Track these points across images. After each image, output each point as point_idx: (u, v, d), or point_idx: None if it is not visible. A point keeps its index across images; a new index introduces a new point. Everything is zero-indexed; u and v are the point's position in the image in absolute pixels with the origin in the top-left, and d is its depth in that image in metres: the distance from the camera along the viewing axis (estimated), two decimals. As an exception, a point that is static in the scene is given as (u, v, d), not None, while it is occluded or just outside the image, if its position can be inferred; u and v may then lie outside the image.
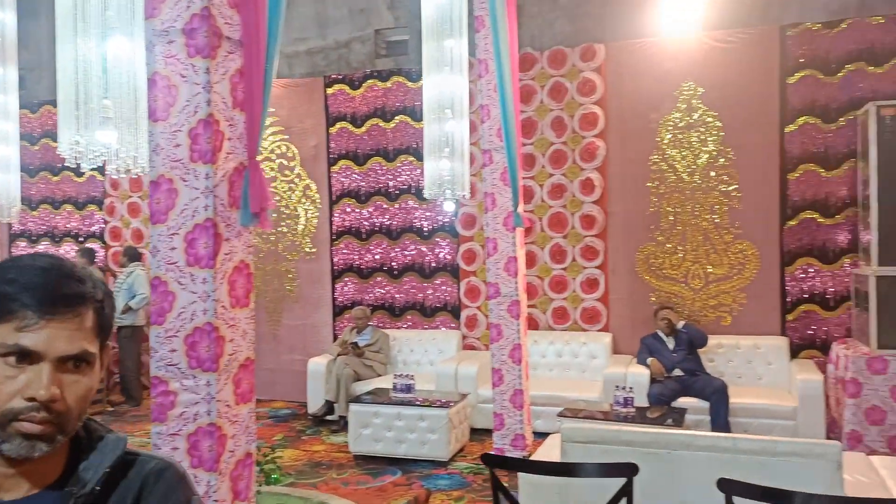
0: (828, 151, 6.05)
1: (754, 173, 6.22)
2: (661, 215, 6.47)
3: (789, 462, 2.77)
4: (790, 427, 5.47)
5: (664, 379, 5.81)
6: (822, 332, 6.13)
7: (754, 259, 6.25)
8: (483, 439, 5.83)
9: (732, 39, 6.23)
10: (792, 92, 6.11)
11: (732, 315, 6.33)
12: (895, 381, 5.27)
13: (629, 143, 6.53)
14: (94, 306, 1.00)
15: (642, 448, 2.97)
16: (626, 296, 6.58)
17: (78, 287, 0.98)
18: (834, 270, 6.08)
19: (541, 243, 6.81)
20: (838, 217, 6.05)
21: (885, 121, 5.35)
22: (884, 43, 5.88)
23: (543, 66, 6.75)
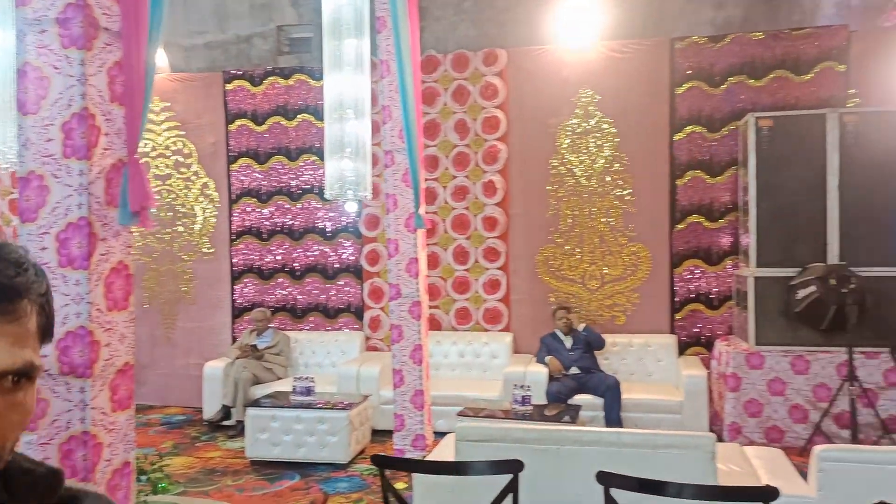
0: (712, 159, 6.39)
1: (646, 179, 6.49)
2: (560, 218, 6.65)
3: (668, 454, 2.90)
4: (677, 420, 5.73)
5: (561, 377, 5.97)
6: (707, 330, 6.46)
7: (646, 261, 6.52)
8: (385, 440, 5.82)
9: (626, 50, 6.48)
10: (680, 102, 6.42)
11: (626, 314, 6.58)
12: (771, 376, 5.62)
13: (530, 147, 6.68)
14: (38, 302, 0.74)
15: (533, 444, 3.04)
16: (526, 296, 6.73)
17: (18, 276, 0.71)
18: (718, 272, 6.42)
19: (444, 244, 6.87)
20: (722, 221, 6.40)
21: (762, 131, 5.70)
22: (763, 58, 6.26)
23: (447, 68, 6.81)
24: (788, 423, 5.57)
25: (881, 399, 5.42)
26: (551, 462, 3.02)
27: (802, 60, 6.19)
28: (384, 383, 6.07)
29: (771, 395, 5.60)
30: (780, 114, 5.85)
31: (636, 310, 6.56)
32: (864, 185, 5.55)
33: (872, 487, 2.70)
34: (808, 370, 5.56)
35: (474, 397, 5.94)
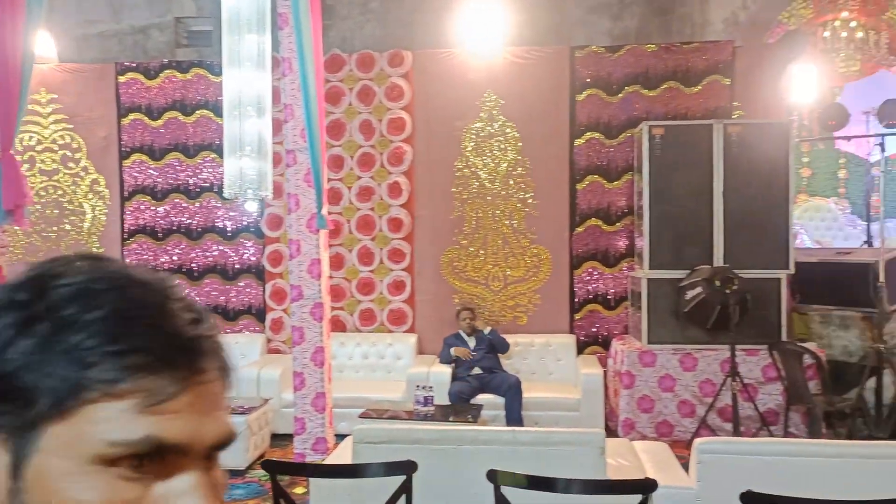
0: (610, 165, 6.63)
1: (548, 183, 6.66)
2: (465, 220, 6.73)
3: (561, 450, 2.99)
4: (575, 417, 5.91)
5: (464, 377, 6.05)
6: (605, 329, 6.70)
7: (547, 262, 6.69)
8: (286, 444, 5.71)
9: (529, 56, 6.63)
10: (580, 109, 6.63)
11: (528, 315, 6.73)
12: (662, 373, 5.89)
13: (435, 149, 6.73)
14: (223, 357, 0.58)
15: (431, 445, 3.06)
16: (430, 297, 6.76)
17: (208, 325, 0.56)
18: (614, 273, 6.67)
19: (349, 245, 6.82)
20: (618, 224, 6.65)
21: (655, 139, 5.96)
22: (656, 69, 6.55)
23: (352, 68, 6.76)
24: (677, 418, 5.84)
25: (760, 393, 5.77)
26: (449, 462, 3.05)
27: (692, 73, 6.51)
28: (286, 386, 5.95)
29: (662, 392, 5.87)
30: (671, 123, 6.14)
31: (537, 310, 6.71)
32: (746, 191, 5.90)
33: (748, 477, 2.86)
34: (695, 367, 5.85)
35: (377, 399, 5.93)
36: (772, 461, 2.90)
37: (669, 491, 3.03)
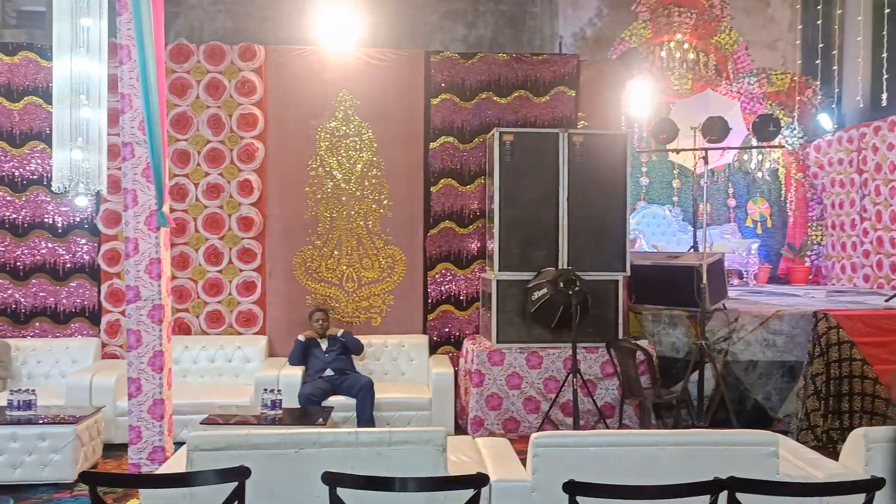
0: (463, 168, 6.78)
1: (403, 184, 6.71)
2: (319, 220, 6.63)
3: (403, 449, 3.02)
4: (426, 417, 5.99)
5: (316, 378, 5.96)
6: (457, 329, 6.84)
7: (402, 264, 6.74)
8: (121, 455, 5.37)
9: (385, 58, 6.65)
10: (435, 112, 6.73)
11: (382, 316, 6.74)
12: (510, 371, 6.09)
13: (289, 147, 6.58)
14: None
15: (271, 450, 2.99)
16: (282, 298, 6.61)
17: None
18: (467, 274, 6.82)
19: (195, 244, 6.52)
20: (471, 227, 6.81)
21: (505, 145, 6.16)
22: (507, 77, 6.78)
23: (200, 59, 6.48)
24: (523, 414, 6.07)
25: (599, 388, 6.12)
26: (289, 466, 2.99)
27: (540, 83, 6.80)
28: (122, 393, 5.59)
29: (509, 389, 6.07)
30: (520, 130, 6.38)
31: (391, 311, 6.74)
32: (588, 197, 6.23)
33: (578, 468, 3.03)
34: (540, 365, 6.11)
35: (223, 404, 5.71)
36: (598, 452, 3.08)
37: (507, 484, 3.15)
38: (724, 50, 11.24)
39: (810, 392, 6.26)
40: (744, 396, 6.53)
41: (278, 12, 6.87)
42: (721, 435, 3.18)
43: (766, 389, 6.52)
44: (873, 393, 6.11)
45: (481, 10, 7.68)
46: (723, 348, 6.54)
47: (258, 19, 7.16)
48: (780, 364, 6.53)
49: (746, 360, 6.53)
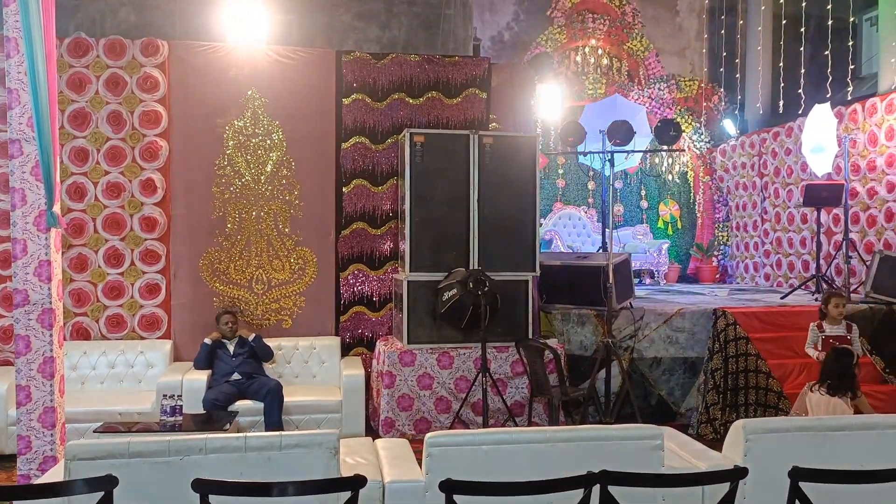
0: (375, 169, 6.75)
1: (314, 184, 6.63)
2: (227, 220, 6.48)
3: (293, 454, 2.97)
4: (336, 419, 5.93)
5: (223, 383, 5.82)
6: (370, 330, 6.80)
7: (313, 265, 6.65)
8: (12, 466, 5.11)
9: (295, 57, 6.56)
10: (346, 113, 6.68)
11: (293, 318, 6.64)
12: (421, 372, 6.10)
13: (195, 146, 6.41)
14: None
15: (153, 458, 2.89)
16: (188, 301, 6.42)
17: None
18: (379, 275, 6.79)
19: (94, 245, 6.27)
20: (383, 228, 6.79)
21: (416, 146, 6.17)
22: (419, 79, 6.79)
23: (99, 54, 6.23)
24: (434, 414, 6.09)
25: (509, 387, 6.20)
26: (174, 474, 2.89)
27: (452, 85, 6.84)
28: (14, 402, 5.32)
29: (420, 390, 6.08)
30: (431, 131, 6.40)
31: (302, 313, 6.65)
32: (498, 199, 6.30)
33: (472, 467, 3.05)
34: (451, 365, 6.14)
35: (124, 411, 5.54)
36: (491, 450, 3.11)
37: (400, 485, 3.14)
38: (636, 56, 11.60)
39: (710, 387, 6.52)
40: (648, 392, 6.74)
41: (186, 6, 6.68)
42: (609, 430, 3.26)
43: (670, 385, 6.76)
44: (766, 386, 6.41)
45: (395, 11, 7.67)
46: (629, 345, 6.74)
47: (165, 13, 6.95)
48: (683, 360, 6.77)
49: (651, 356, 6.75)
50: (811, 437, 3.34)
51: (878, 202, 8.06)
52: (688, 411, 6.69)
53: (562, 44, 11.37)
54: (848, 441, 3.35)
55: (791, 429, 3.34)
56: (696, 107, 11.56)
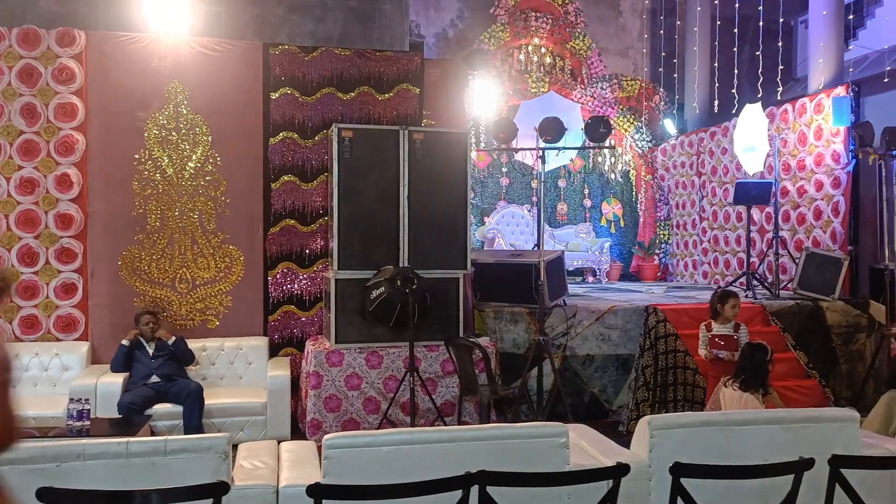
0: (305, 165, 6.61)
1: (241, 181, 6.46)
2: (148, 217, 6.27)
3: (180, 459, 2.84)
4: (261, 421, 5.78)
5: (141, 386, 5.62)
6: (300, 330, 6.65)
7: (240, 263, 6.48)
8: None
9: (220, 49, 6.37)
10: (274, 107, 6.52)
11: (219, 318, 6.46)
12: (349, 372, 5.98)
13: (113, 140, 6.18)
14: None
15: (29, 465, 2.72)
16: (107, 301, 6.19)
17: None
18: (310, 274, 6.65)
19: (7, 244, 6.00)
20: (314, 225, 6.64)
21: (344, 141, 6.04)
22: (350, 73, 6.67)
23: (12, 44, 5.97)
24: (363, 415, 5.97)
25: (439, 386, 6.12)
26: (54, 481, 2.73)
27: (384, 80, 6.73)
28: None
29: (348, 390, 5.96)
30: (359, 126, 6.28)
31: (229, 313, 6.47)
32: (429, 195, 6.21)
33: (372, 468, 2.96)
34: (380, 364, 6.03)
35: (37, 416, 5.31)
36: (391, 451, 3.02)
37: (295, 489, 3.03)
38: (579, 55, 11.64)
39: (640, 383, 6.54)
40: (581, 390, 6.74)
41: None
42: (513, 429, 3.20)
43: (602, 382, 6.77)
44: (693, 382, 6.46)
45: (330, 4, 7.52)
46: (561, 343, 6.72)
47: (88, 3, 6.68)
48: (615, 357, 6.79)
49: (584, 354, 6.74)
50: (717, 433, 3.34)
51: (808, 200, 8.22)
52: (620, 408, 6.71)
53: (505, 42, 11.35)
54: (754, 436, 3.36)
55: (697, 424, 3.32)
56: (638, 106, 11.66)
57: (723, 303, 5.48)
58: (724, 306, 5.47)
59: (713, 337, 5.41)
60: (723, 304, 5.48)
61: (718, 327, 5.47)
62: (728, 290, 5.78)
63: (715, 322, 5.54)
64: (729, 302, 5.44)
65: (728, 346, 5.27)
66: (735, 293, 5.69)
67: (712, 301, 5.62)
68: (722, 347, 5.27)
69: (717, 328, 5.48)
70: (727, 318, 5.47)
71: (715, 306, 5.56)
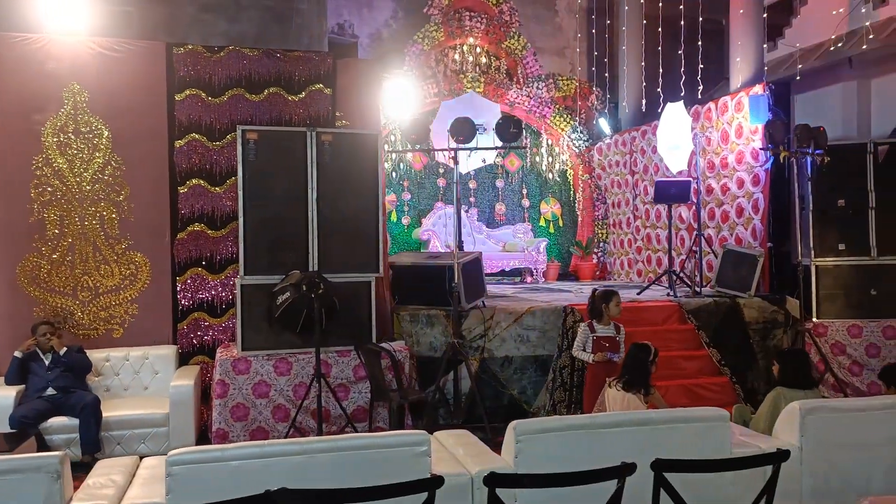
0: (214, 168, 6.45)
1: (145, 185, 6.28)
2: (47, 224, 6.05)
3: (9, 480, 2.70)
4: (163, 433, 5.60)
5: (35, 399, 5.41)
6: (212, 337, 6.48)
7: (146, 270, 6.30)
8: None
9: (120, 49, 6.18)
10: (180, 109, 6.34)
11: (124, 327, 6.27)
12: (257, 379, 5.84)
13: (8, 144, 5.96)
14: None
15: None
16: (5, 312, 5.96)
17: None
18: (221, 279, 6.49)
19: None
20: (224, 230, 6.48)
21: (249, 143, 5.90)
22: (259, 73, 6.52)
23: None
24: (272, 423, 5.84)
25: (352, 392, 6.01)
26: None
27: (295, 80, 6.60)
28: None
29: (256, 398, 5.82)
30: (265, 128, 6.14)
31: (135, 321, 6.28)
32: (339, 198, 6.09)
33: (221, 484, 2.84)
34: (289, 371, 5.90)
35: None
36: (241, 465, 2.91)
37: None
38: (514, 55, 11.62)
39: (557, 384, 6.52)
40: (500, 392, 6.68)
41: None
42: (372, 438, 3.11)
43: (522, 384, 6.72)
44: (607, 382, 6.43)
45: (244, 3, 7.38)
46: (479, 345, 6.66)
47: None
48: (534, 359, 6.75)
49: (502, 356, 6.69)
50: (584, 436, 3.29)
51: (731, 198, 8.29)
52: (538, 410, 6.67)
53: (440, 42, 11.28)
54: (620, 439, 3.32)
55: (562, 428, 3.27)
56: (575, 106, 11.68)
57: (606, 302, 5.32)
58: (608, 305, 5.30)
59: (598, 339, 5.26)
60: (607, 304, 5.32)
61: (602, 328, 5.33)
62: (609, 289, 5.57)
63: (598, 323, 5.37)
64: (613, 300, 5.31)
65: (612, 348, 5.17)
66: (616, 292, 5.51)
67: (594, 301, 5.42)
68: (607, 349, 5.17)
69: (600, 329, 5.33)
70: (610, 319, 5.36)
71: (598, 307, 5.37)
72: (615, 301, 5.33)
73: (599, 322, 5.36)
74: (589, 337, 5.30)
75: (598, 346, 5.21)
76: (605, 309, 5.33)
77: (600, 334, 5.26)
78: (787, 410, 3.51)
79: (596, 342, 5.23)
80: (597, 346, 5.22)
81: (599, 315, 5.36)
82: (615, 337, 5.27)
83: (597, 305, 5.37)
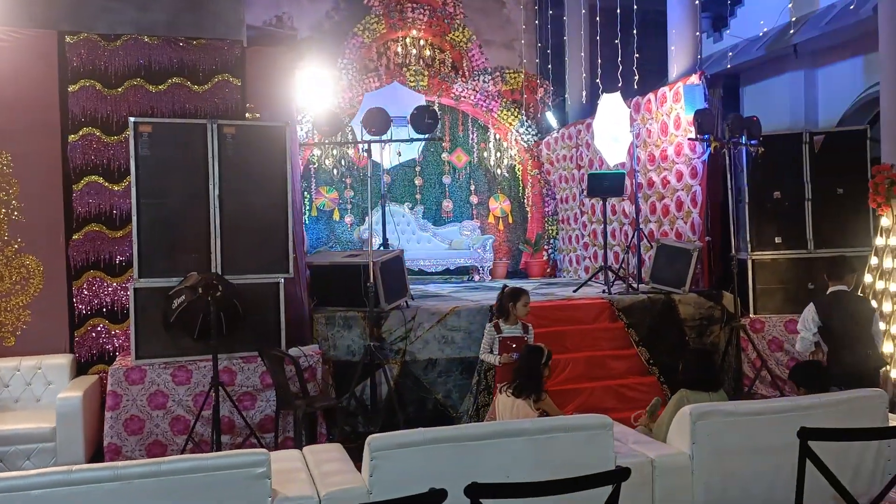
0: (111, 164, 6.05)
1: (36, 182, 5.87)
2: (-74, 226, 5.62)
3: None
4: (50, 449, 5.20)
5: None
6: (113, 345, 6.08)
7: (39, 274, 5.89)
8: None
9: (5, 38, 5.77)
10: (73, 101, 5.94)
11: (16, 335, 5.85)
12: (153, 389, 5.45)
13: None
14: None
15: None
16: None
17: None
18: (122, 283, 6.09)
19: None
20: (124, 230, 6.07)
21: (142, 136, 5.51)
22: (160, 63, 6.14)
23: None
24: (170, 436, 5.45)
25: (259, 400, 5.64)
26: None
27: (200, 70, 6.22)
28: None
29: (153, 410, 5.43)
30: (160, 120, 5.76)
31: (28, 329, 5.87)
32: (244, 195, 5.72)
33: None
34: (189, 380, 5.52)
35: None
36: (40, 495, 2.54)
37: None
38: (459, 48, 11.30)
39: (482, 387, 6.20)
40: (424, 396, 6.35)
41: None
42: (202, 460, 2.76)
43: (447, 388, 6.39)
44: (531, 385, 6.12)
45: (155, -10, 6.95)
46: (400, 348, 6.32)
47: None
48: (460, 361, 6.42)
49: (425, 358, 6.37)
50: (450, 450, 2.96)
51: (670, 191, 8.03)
52: (464, 414, 6.34)
53: (381, 34, 10.93)
54: (494, 451, 2.99)
55: (423, 442, 2.93)
56: (522, 99, 11.38)
57: (514, 301, 5.02)
58: (515, 305, 5.01)
59: (505, 340, 4.96)
60: (514, 303, 5.02)
61: (509, 328, 5.03)
62: (518, 287, 5.28)
63: (505, 323, 5.07)
64: (521, 300, 5.00)
65: (519, 350, 4.85)
66: (526, 291, 5.22)
67: (502, 300, 5.14)
68: (514, 350, 4.85)
69: (507, 330, 5.03)
70: (517, 318, 5.06)
71: (506, 306, 5.08)
72: (523, 301, 5.01)
73: (506, 322, 5.04)
74: (495, 338, 4.99)
75: (504, 348, 4.89)
76: (512, 308, 5.01)
77: (507, 335, 4.95)
78: (679, 416, 3.21)
79: (502, 343, 4.92)
80: (503, 348, 4.90)
81: (507, 315, 5.05)
82: (523, 337, 4.95)
83: (504, 304, 5.06)
